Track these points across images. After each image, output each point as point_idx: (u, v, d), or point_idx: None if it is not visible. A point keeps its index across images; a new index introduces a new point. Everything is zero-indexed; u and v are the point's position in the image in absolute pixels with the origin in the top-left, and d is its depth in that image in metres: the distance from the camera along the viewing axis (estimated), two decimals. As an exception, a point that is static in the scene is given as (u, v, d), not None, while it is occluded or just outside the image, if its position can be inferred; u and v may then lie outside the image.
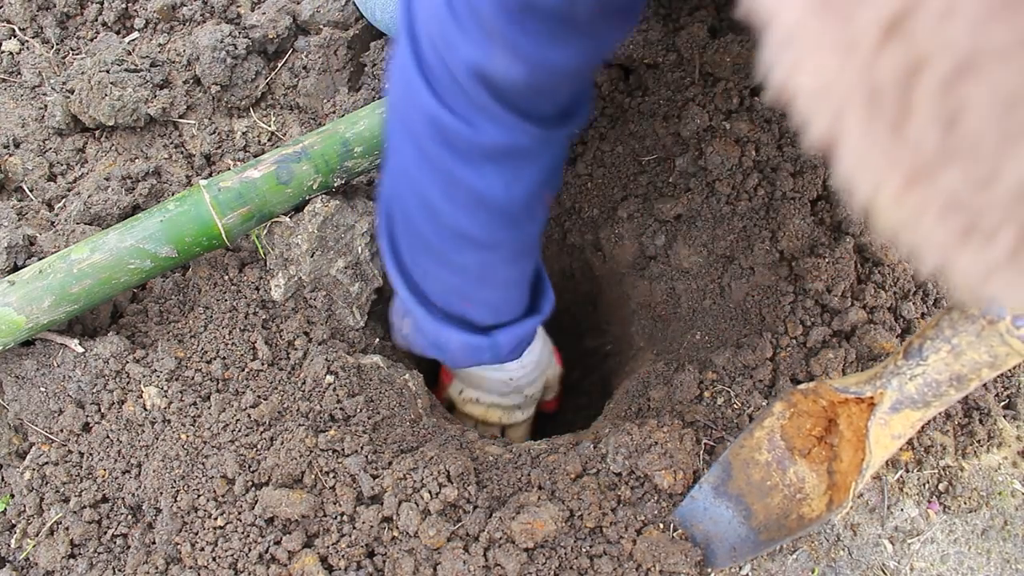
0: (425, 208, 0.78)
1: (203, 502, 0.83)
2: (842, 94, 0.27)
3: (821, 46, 0.26)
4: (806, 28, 0.27)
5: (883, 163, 0.27)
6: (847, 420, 0.76)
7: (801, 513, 0.78)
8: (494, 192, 0.74)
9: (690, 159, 1.02)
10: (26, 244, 0.91)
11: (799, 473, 0.79)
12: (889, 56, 0.24)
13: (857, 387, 0.73)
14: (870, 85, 0.25)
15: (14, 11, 1.14)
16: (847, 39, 0.25)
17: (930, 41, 0.23)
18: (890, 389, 0.70)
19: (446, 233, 0.79)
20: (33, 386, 0.87)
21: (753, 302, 0.99)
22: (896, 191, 0.27)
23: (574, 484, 0.86)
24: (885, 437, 0.71)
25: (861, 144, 0.27)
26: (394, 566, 0.80)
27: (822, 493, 0.77)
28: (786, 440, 0.80)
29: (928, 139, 0.25)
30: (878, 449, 0.71)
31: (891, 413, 0.71)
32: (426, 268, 0.85)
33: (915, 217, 0.28)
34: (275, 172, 0.89)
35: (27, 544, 0.85)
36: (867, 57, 0.25)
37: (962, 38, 0.22)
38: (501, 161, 0.72)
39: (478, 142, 0.70)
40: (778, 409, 0.80)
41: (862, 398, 0.72)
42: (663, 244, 1.07)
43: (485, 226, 0.78)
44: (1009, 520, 0.92)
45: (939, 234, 0.27)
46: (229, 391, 0.89)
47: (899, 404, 0.70)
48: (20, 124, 1.07)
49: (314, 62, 1.09)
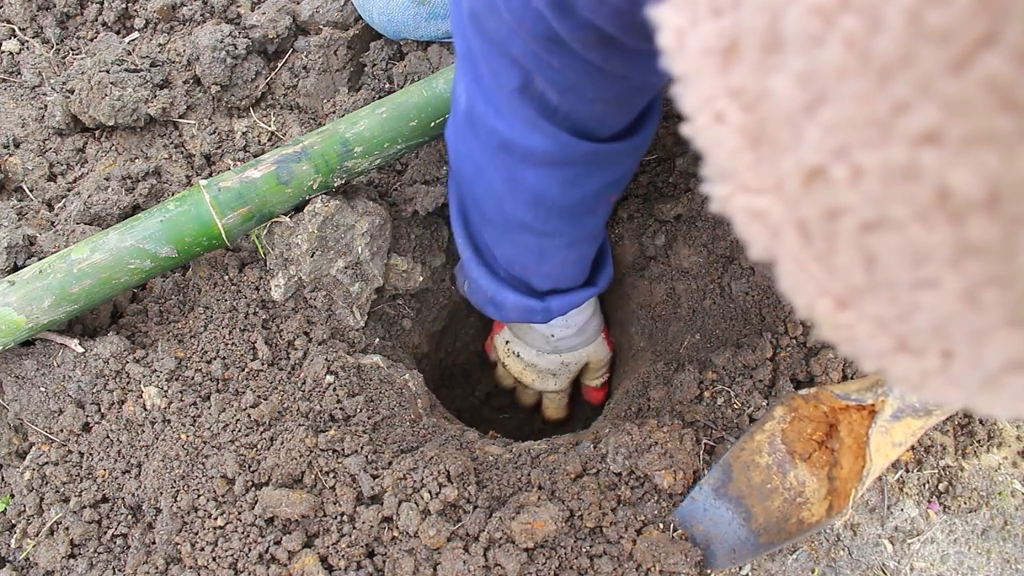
0: (490, 193, 0.82)
1: (203, 502, 0.83)
2: (775, 223, 0.29)
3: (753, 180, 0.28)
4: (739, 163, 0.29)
5: (815, 286, 0.29)
6: (848, 427, 0.76)
7: (801, 517, 0.78)
8: (551, 193, 0.77)
9: (690, 159, 1.02)
10: (26, 244, 0.91)
11: (799, 477, 0.79)
12: (812, 200, 0.26)
13: (859, 394, 0.73)
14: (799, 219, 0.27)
15: (14, 11, 1.14)
16: (776, 178, 0.27)
17: (844, 196, 0.25)
18: (892, 397, 0.70)
19: (509, 218, 0.83)
20: (33, 386, 0.87)
21: (753, 302, 0.99)
22: (829, 310, 0.29)
23: (574, 484, 0.86)
24: (886, 445, 0.71)
25: (795, 267, 0.29)
26: (394, 566, 0.80)
27: (822, 498, 0.77)
28: (787, 444, 0.79)
29: (852, 272, 0.27)
30: (879, 457, 0.71)
31: (892, 421, 0.70)
32: (490, 239, 0.90)
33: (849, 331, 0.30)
34: (275, 172, 0.89)
35: (27, 544, 0.85)
36: (793, 197, 0.27)
37: (869, 200, 0.24)
38: (557, 167, 0.74)
39: (532, 150, 0.72)
40: (779, 413, 0.80)
41: (863, 405, 0.72)
42: (663, 244, 1.08)
43: (543, 220, 0.81)
44: (1009, 520, 0.92)
45: (873, 346, 0.29)
46: (229, 391, 0.89)
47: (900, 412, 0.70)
48: (20, 124, 1.07)
49: (314, 62, 1.09)
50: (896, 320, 0.27)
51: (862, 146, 0.24)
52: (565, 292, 0.97)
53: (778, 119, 0.26)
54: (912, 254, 0.24)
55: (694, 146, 0.31)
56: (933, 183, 0.23)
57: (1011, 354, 0.25)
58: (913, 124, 0.22)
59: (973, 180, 0.22)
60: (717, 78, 0.28)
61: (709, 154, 0.30)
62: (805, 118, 0.25)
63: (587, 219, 0.85)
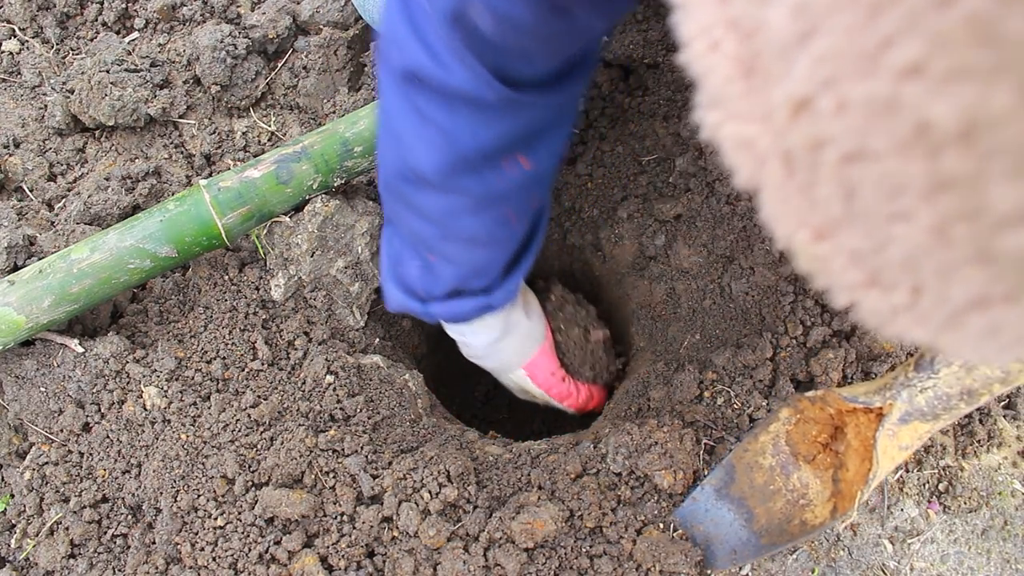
0: (396, 141, 0.79)
1: (203, 502, 0.83)
2: (761, 152, 0.29)
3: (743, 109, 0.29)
4: (731, 91, 0.30)
5: (795, 216, 0.30)
6: (855, 429, 0.76)
7: (804, 519, 0.78)
8: (458, 133, 0.75)
9: (690, 159, 1.02)
10: (26, 244, 0.91)
11: (803, 479, 0.78)
12: (798, 130, 0.27)
13: (866, 397, 0.73)
14: (784, 150, 0.28)
15: (14, 11, 1.14)
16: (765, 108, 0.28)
17: (828, 127, 0.26)
18: (900, 401, 0.70)
19: (411, 173, 0.79)
20: (33, 386, 0.87)
21: (753, 302, 0.99)
22: (807, 241, 0.30)
23: (574, 484, 0.86)
24: (892, 448, 0.71)
25: (777, 197, 0.31)
26: (394, 566, 0.80)
27: (826, 500, 0.77)
28: (791, 445, 0.79)
29: (832, 204, 0.28)
30: (885, 460, 0.71)
31: (900, 424, 0.70)
32: (393, 212, 0.87)
33: (825, 263, 0.31)
34: (275, 172, 0.89)
35: (27, 544, 0.85)
36: (781, 127, 0.28)
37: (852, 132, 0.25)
38: (471, 107, 0.73)
39: (449, 83, 0.70)
40: (784, 415, 0.79)
41: (871, 408, 0.72)
42: (663, 244, 1.08)
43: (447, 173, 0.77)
44: (1009, 520, 0.92)
45: (846, 279, 0.30)
46: (229, 391, 0.89)
47: (908, 416, 0.70)
48: (20, 124, 1.07)
49: (314, 62, 1.09)
50: (870, 253, 0.28)
51: (848, 78, 0.25)
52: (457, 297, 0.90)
53: (771, 50, 0.27)
54: (889, 187, 0.25)
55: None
56: (913, 116, 0.23)
57: (975, 291, 0.26)
58: (898, 57, 0.23)
59: (951, 113, 0.22)
60: (716, 8, 0.29)
61: (703, 81, 0.31)
62: (797, 49, 0.26)
63: (493, 177, 0.80)
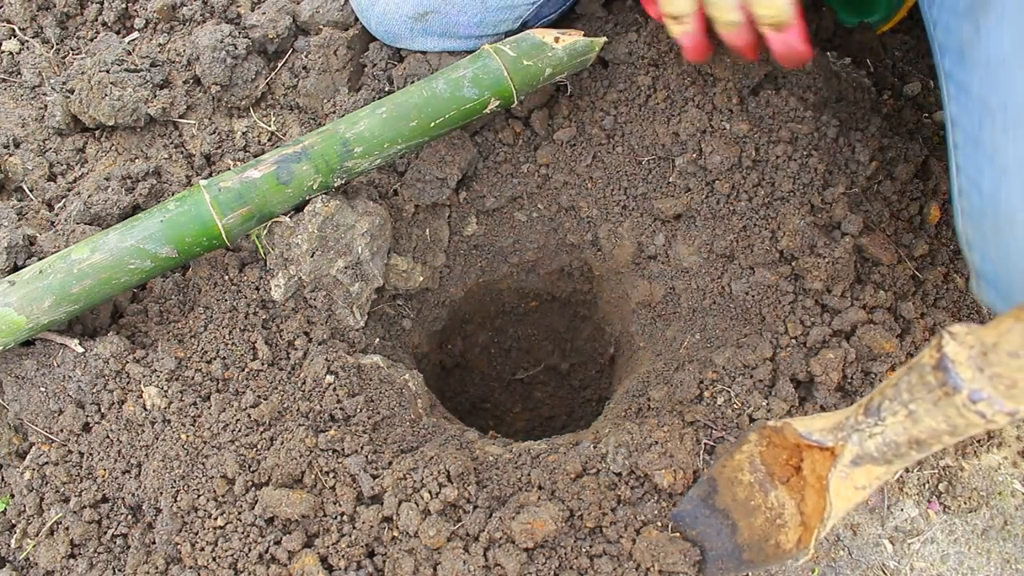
0: None
1: (203, 502, 0.83)
2: None
3: None
4: None
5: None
6: (811, 464, 0.73)
7: (778, 540, 0.76)
8: None
9: (690, 159, 1.02)
10: (26, 244, 0.91)
11: (779, 498, 0.77)
12: None
13: (820, 435, 0.69)
14: None
15: (14, 11, 1.14)
16: None
17: None
18: (851, 443, 0.67)
19: None
20: (33, 386, 0.87)
21: (753, 301, 0.99)
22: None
23: (574, 484, 0.86)
24: (847, 489, 0.67)
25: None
26: (394, 566, 0.80)
27: (797, 524, 0.75)
28: (766, 465, 0.78)
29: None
30: (839, 501, 0.67)
31: (852, 467, 0.66)
32: None
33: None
34: (275, 172, 0.89)
35: (27, 544, 0.85)
36: None
37: None
38: None
39: None
40: (753, 438, 0.78)
41: (824, 447, 0.70)
42: (663, 243, 1.08)
43: None
44: (1009, 520, 0.92)
45: None
46: (229, 391, 0.89)
47: (859, 459, 0.66)
48: (20, 124, 1.07)
49: (314, 62, 1.09)
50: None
51: None
52: None
53: None
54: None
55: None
56: None
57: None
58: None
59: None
60: None
61: None
62: None
63: None
